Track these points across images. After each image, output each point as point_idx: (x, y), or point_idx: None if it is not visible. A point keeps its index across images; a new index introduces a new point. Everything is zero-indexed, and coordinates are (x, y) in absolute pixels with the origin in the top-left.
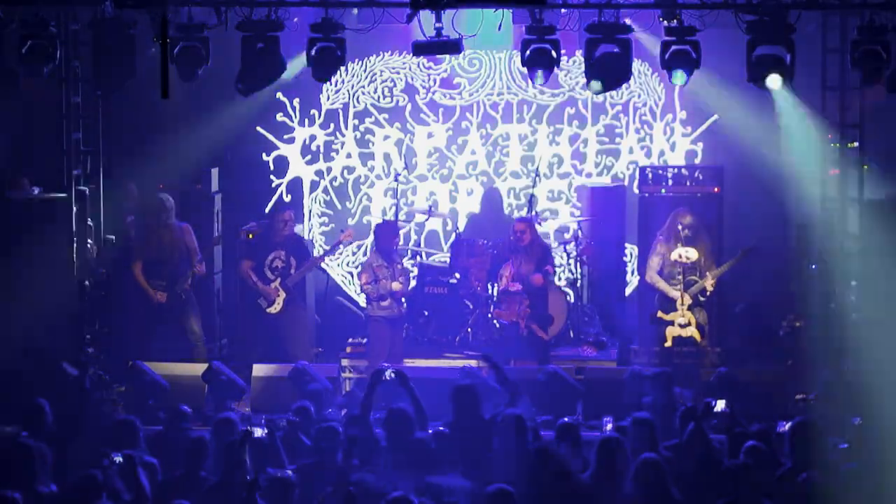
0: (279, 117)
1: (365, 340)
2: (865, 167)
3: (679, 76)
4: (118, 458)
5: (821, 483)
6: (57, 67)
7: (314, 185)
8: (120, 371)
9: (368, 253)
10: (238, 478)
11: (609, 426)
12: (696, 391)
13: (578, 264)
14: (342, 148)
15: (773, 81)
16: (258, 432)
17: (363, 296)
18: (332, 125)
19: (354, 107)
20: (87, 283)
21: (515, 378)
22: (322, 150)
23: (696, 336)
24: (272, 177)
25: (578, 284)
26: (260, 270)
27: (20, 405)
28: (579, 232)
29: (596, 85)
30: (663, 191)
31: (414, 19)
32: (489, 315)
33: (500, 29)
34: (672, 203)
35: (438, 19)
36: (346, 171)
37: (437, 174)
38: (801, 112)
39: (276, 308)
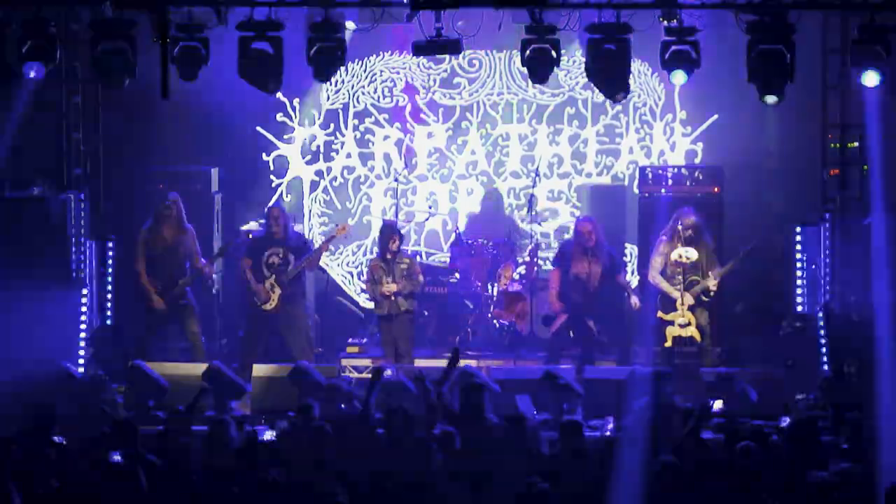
0: (279, 117)
1: (365, 340)
2: (865, 167)
3: (679, 76)
4: (118, 458)
5: (820, 482)
6: (57, 67)
7: (314, 185)
8: (120, 371)
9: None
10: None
11: (610, 426)
12: (696, 391)
13: None
14: (342, 148)
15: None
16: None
17: (364, 296)
18: (332, 125)
19: (354, 107)
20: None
21: (516, 378)
22: (322, 150)
23: (696, 336)
24: (272, 177)
25: None
26: (258, 268)
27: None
28: None
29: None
30: (663, 191)
31: (414, 19)
32: (489, 315)
33: (500, 28)
34: (672, 203)
35: (438, 19)
36: (346, 171)
37: (437, 174)
38: None
39: (270, 305)
